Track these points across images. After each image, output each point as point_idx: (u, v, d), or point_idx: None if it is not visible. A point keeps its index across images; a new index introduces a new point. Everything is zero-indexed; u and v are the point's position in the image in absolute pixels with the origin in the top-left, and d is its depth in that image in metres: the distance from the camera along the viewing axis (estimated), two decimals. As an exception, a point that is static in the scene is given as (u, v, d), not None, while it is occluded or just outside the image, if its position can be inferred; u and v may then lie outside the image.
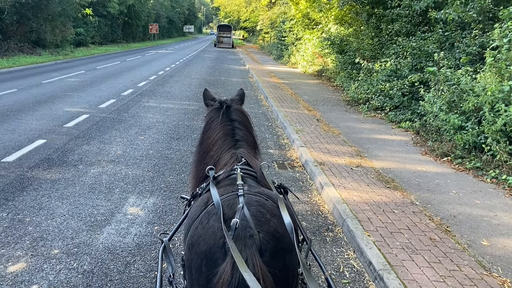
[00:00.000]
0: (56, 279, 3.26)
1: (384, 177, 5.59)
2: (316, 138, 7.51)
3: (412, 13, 10.47)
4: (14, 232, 3.92)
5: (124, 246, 3.80)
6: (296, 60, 22.39)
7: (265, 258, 1.50)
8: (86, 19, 31.69)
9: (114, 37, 40.46)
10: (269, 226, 1.60)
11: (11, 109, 9.08)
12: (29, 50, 22.87)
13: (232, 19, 59.26)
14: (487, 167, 5.81)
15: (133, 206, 4.63)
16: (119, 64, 21.24)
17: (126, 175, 5.54)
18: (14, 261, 3.46)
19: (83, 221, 4.21)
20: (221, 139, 2.30)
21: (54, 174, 5.45)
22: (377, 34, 12.72)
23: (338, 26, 16.04)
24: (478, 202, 4.89)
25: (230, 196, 1.74)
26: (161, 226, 4.22)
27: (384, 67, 10.23)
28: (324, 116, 9.59)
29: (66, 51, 26.18)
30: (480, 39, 7.73)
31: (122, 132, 7.69)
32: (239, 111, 2.48)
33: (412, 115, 8.73)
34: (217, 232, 1.57)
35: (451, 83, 6.93)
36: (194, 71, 19.74)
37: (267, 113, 10.47)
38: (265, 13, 38.19)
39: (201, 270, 1.58)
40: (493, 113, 5.85)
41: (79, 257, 3.58)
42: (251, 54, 34.24)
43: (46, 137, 7.07)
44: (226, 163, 2.14)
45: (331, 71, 15.94)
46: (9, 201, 4.57)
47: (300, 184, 5.65)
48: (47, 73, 16.15)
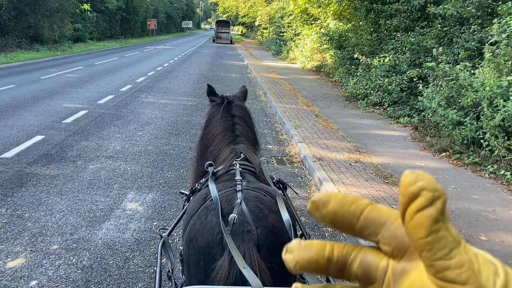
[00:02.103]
0: (55, 275, 3.27)
1: (383, 172, 5.61)
2: (314, 133, 7.52)
3: (410, 9, 10.45)
4: (13, 228, 3.92)
5: (123, 241, 3.81)
6: (294, 55, 22.34)
7: (262, 254, 1.51)
8: (84, 14, 31.56)
9: (112, 32, 40.30)
10: (267, 221, 1.60)
11: (10, 105, 9.06)
12: (27, 46, 22.79)
13: (231, 14, 59.07)
14: (485, 162, 5.82)
15: (132, 202, 4.64)
16: (118, 60, 21.18)
17: (125, 171, 5.54)
18: (13, 257, 3.47)
19: (82, 217, 4.22)
20: (221, 134, 2.30)
21: (53, 170, 5.45)
22: (376, 29, 12.70)
23: (336, 21, 16.00)
24: (477, 197, 4.90)
25: (229, 191, 1.75)
26: (160, 221, 4.22)
27: (382, 62, 10.22)
28: (322, 111, 9.59)
29: (64, 46, 26.08)
30: (479, 35, 7.73)
31: (121, 128, 7.68)
32: (240, 107, 2.47)
33: (411, 110, 8.73)
34: (215, 227, 1.57)
35: (449, 79, 6.93)
36: (193, 66, 19.69)
37: (266, 108, 10.47)
38: (264, 9, 38.07)
39: (199, 265, 1.58)
40: (492, 109, 5.86)
41: (78, 252, 3.59)
42: (249, 49, 34.17)
43: (44, 133, 7.06)
44: (225, 159, 2.15)
45: (329, 67, 15.91)
46: (8, 197, 4.57)
47: (299, 179, 5.66)
48: (45, 69, 16.10)
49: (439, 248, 0.27)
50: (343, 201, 0.32)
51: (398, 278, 0.31)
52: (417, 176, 0.28)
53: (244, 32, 67.61)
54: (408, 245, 0.30)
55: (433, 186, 0.28)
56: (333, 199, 0.32)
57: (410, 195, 0.28)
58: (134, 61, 20.76)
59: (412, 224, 0.28)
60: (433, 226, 0.27)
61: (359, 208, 0.32)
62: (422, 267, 0.29)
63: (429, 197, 0.28)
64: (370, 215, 0.31)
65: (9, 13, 21.11)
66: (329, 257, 0.32)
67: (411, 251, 0.30)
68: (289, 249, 0.34)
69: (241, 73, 17.96)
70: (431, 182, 0.28)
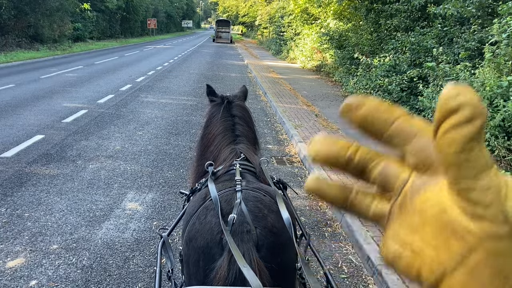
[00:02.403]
0: (55, 274, 3.27)
1: (383, 172, 5.60)
2: (314, 133, 7.51)
3: (411, 8, 10.45)
4: (13, 228, 3.92)
5: (123, 241, 3.81)
6: (294, 55, 22.34)
7: (262, 254, 1.51)
8: (84, 14, 31.54)
9: (112, 32, 40.28)
10: (267, 221, 1.60)
11: (9, 104, 9.05)
12: (27, 45, 22.77)
13: (231, 14, 59.05)
14: (485, 162, 5.81)
15: (131, 202, 4.63)
16: (117, 59, 21.18)
17: (124, 171, 5.54)
18: (13, 256, 3.47)
19: (81, 217, 4.22)
20: (221, 134, 2.30)
21: (53, 169, 5.44)
22: (376, 29, 12.69)
23: (337, 21, 16.00)
24: (476, 197, 4.90)
25: (228, 191, 1.75)
26: (160, 221, 4.22)
27: (383, 62, 10.21)
28: (322, 111, 9.59)
29: (64, 46, 26.07)
30: (479, 34, 7.72)
31: (121, 128, 7.68)
32: (241, 106, 2.47)
33: (411, 110, 8.72)
34: (215, 227, 1.57)
35: (450, 79, 6.93)
36: (193, 66, 19.69)
37: (266, 108, 10.46)
38: (264, 8, 38.05)
39: (199, 265, 1.58)
40: (492, 109, 5.85)
41: (78, 252, 3.59)
42: (249, 49, 34.16)
43: (44, 132, 7.06)
44: (225, 159, 2.14)
45: (329, 67, 15.91)
46: (7, 197, 4.57)
47: (299, 179, 5.66)
48: (45, 68, 16.09)
49: (469, 167, 0.26)
50: (378, 106, 0.31)
51: (415, 193, 0.30)
52: (460, 91, 0.26)
53: (244, 31, 67.61)
54: (434, 161, 0.29)
55: (475, 102, 0.26)
56: (368, 102, 0.31)
57: (448, 109, 0.26)
58: (134, 61, 20.75)
59: (444, 139, 0.27)
60: (467, 144, 0.26)
61: (392, 116, 0.31)
62: (443, 184, 0.28)
63: (468, 114, 0.26)
64: (402, 125, 0.31)
65: (9, 12, 21.10)
66: (350, 157, 0.32)
67: (436, 167, 0.29)
68: (314, 140, 0.33)
69: (241, 73, 17.95)
70: (473, 98, 0.26)
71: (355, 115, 0.32)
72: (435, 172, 0.29)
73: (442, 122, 0.27)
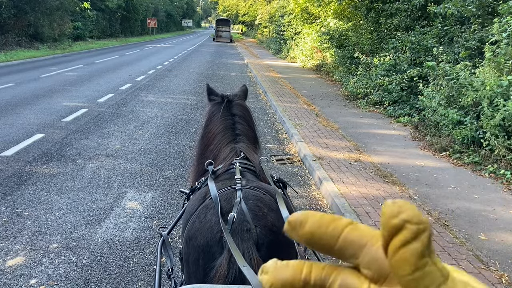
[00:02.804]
0: (55, 273, 3.27)
1: (383, 171, 5.60)
2: (314, 132, 7.51)
3: (411, 8, 10.45)
4: (13, 226, 3.92)
5: (122, 240, 3.81)
6: (295, 54, 22.33)
7: (262, 252, 1.51)
8: (84, 13, 31.50)
9: (112, 31, 40.24)
10: (266, 220, 1.60)
11: (9, 103, 9.05)
12: (27, 44, 22.74)
13: (231, 13, 59.00)
14: (486, 162, 5.82)
15: (131, 201, 4.63)
16: (118, 58, 21.17)
17: (124, 170, 5.54)
18: (13, 255, 3.47)
19: (81, 215, 4.22)
20: (221, 133, 2.30)
21: (53, 168, 5.44)
22: (376, 28, 12.69)
23: (337, 20, 16.00)
24: (476, 197, 4.90)
25: (228, 190, 1.74)
26: (159, 220, 4.22)
27: (383, 61, 10.22)
28: (322, 110, 9.59)
29: (64, 45, 26.03)
30: (479, 34, 7.72)
31: (121, 127, 7.68)
32: (241, 105, 2.46)
33: (411, 109, 8.73)
34: (214, 226, 1.57)
35: (450, 78, 6.92)
36: (193, 65, 19.68)
37: (266, 107, 10.46)
38: (264, 7, 38.04)
39: (198, 264, 1.58)
40: (492, 108, 5.85)
41: (77, 251, 3.59)
42: (249, 48, 34.14)
43: (44, 131, 7.06)
44: (225, 158, 2.14)
45: (330, 66, 15.91)
46: (7, 195, 4.57)
47: (299, 178, 5.66)
48: (45, 67, 16.08)
49: (426, 285, 0.26)
50: (321, 221, 0.30)
51: None
52: (400, 207, 0.27)
53: (244, 30, 67.55)
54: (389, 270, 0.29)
55: (417, 218, 0.26)
56: (310, 219, 0.30)
57: (393, 228, 0.26)
58: (134, 60, 20.74)
59: (396, 259, 0.26)
60: (419, 261, 0.26)
61: (337, 229, 0.30)
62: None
63: (413, 230, 0.26)
64: (350, 237, 0.30)
65: (9, 11, 21.08)
66: (305, 280, 0.31)
67: (392, 277, 0.28)
68: (265, 269, 0.32)
69: (241, 72, 17.95)
70: (414, 213, 0.26)
71: (301, 233, 0.31)
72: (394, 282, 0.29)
73: (389, 241, 0.27)
